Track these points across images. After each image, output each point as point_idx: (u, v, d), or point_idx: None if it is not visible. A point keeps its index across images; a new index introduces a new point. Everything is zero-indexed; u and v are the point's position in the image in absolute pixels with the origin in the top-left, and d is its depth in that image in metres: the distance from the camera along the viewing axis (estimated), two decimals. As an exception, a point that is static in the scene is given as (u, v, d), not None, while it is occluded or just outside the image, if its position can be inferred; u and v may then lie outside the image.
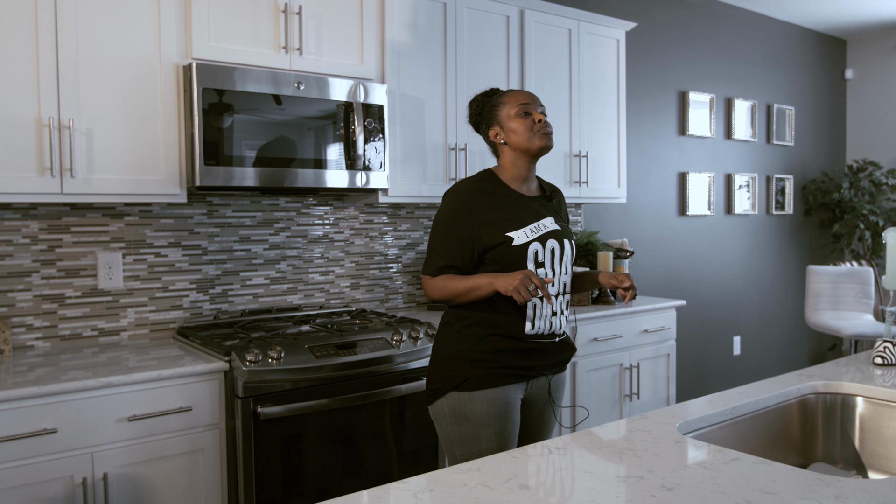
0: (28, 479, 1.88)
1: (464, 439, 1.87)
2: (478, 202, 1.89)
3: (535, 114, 1.93)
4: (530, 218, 1.91)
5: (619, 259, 3.64)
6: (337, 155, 2.64)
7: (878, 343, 2.10)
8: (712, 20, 4.96)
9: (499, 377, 1.86)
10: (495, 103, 1.98)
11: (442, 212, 1.92)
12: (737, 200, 5.16)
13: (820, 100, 5.92)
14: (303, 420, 2.27)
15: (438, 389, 1.90)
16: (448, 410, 1.88)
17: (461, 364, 1.87)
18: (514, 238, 1.86)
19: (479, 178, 1.97)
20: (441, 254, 1.88)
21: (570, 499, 1.18)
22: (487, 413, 1.84)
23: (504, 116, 1.95)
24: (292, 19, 2.59)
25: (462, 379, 1.86)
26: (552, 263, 1.91)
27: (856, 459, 1.86)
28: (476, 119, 2.05)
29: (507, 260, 1.86)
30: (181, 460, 2.13)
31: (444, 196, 1.95)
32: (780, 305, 5.61)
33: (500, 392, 1.86)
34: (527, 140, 1.92)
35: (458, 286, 1.85)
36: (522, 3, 3.32)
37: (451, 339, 1.92)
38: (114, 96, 2.28)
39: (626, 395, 3.41)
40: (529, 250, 1.86)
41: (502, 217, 1.88)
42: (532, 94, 1.98)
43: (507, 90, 2.01)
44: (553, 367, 1.98)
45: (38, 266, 2.46)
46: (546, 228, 1.92)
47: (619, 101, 3.76)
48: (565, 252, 1.95)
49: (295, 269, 3.03)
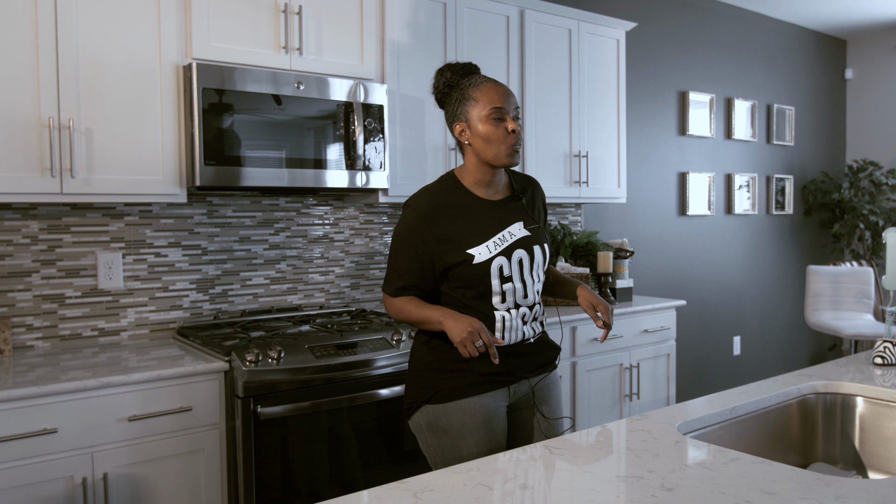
0: (28, 479, 1.88)
1: (444, 452, 1.78)
2: (436, 217, 1.76)
3: (508, 121, 1.76)
4: (494, 228, 1.78)
5: (619, 259, 3.63)
6: (337, 155, 2.64)
7: (878, 343, 2.10)
8: (712, 20, 4.96)
9: (473, 385, 1.76)
10: (466, 95, 1.78)
11: (400, 228, 1.80)
12: (737, 200, 5.16)
13: (820, 100, 5.92)
14: (303, 420, 2.27)
15: (413, 403, 1.82)
16: (425, 424, 1.80)
17: (432, 375, 1.79)
18: (475, 255, 1.74)
19: (438, 186, 1.83)
20: (400, 273, 1.78)
21: (570, 499, 1.18)
22: (464, 424, 1.75)
23: (474, 116, 1.77)
24: (292, 19, 2.59)
25: (434, 391, 1.77)
26: (521, 275, 1.79)
27: (856, 459, 1.86)
28: (442, 94, 1.85)
29: (469, 278, 1.75)
30: (181, 460, 2.13)
31: (404, 207, 1.83)
32: (780, 305, 5.61)
33: (476, 401, 1.76)
34: (493, 154, 1.77)
35: (412, 314, 1.78)
36: (522, 3, 3.32)
37: (423, 351, 1.83)
38: (114, 96, 2.28)
39: (626, 395, 3.41)
40: (493, 266, 1.75)
41: (463, 232, 1.75)
42: (507, 92, 1.79)
43: (482, 80, 1.80)
44: (534, 369, 1.87)
45: (38, 266, 2.46)
46: (513, 238, 1.79)
47: (619, 101, 3.76)
48: (535, 260, 1.82)
49: (295, 269, 3.03)
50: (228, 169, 2.38)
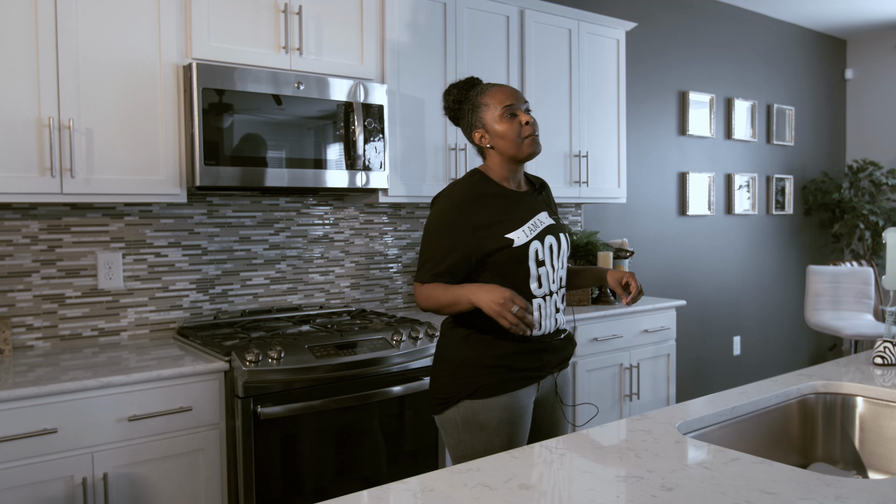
0: (28, 479, 1.88)
1: (475, 447, 1.81)
2: (472, 205, 1.81)
3: (521, 115, 1.84)
4: (527, 215, 1.85)
5: (619, 259, 3.64)
6: (337, 155, 2.64)
7: (878, 343, 2.09)
8: (712, 20, 4.96)
9: (511, 381, 1.81)
10: (477, 103, 1.87)
11: (435, 217, 1.83)
12: (737, 200, 5.16)
13: (820, 100, 5.91)
14: (303, 420, 2.27)
15: (450, 398, 1.83)
16: (461, 419, 1.82)
17: (473, 371, 1.81)
18: (514, 239, 1.79)
19: (468, 180, 1.89)
20: (435, 262, 1.80)
21: (570, 499, 1.18)
22: (502, 420, 1.80)
23: (489, 119, 1.85)
24: (292, 19, 2.59)
25: (476, 386, 1.80)
26: (551, 260, 1.86)
27: (856, 459, 1.86)
28: (454, 113, 1.95)
29: (509, 262, 1.80)
30: (181, 460, 2.13)
31: (435, 200, 1.87)
32: (780, 305, 5.61)
33: (514, 397, 1.82)
34: (515, 148, 1.85)
35: (440, 299, 1.78)
36: (522, 3, 3.32)
37: (459, 346, 1.85)
38: (114, 96, 2.28)
39: (626, 395, 3.41)
40: (530, 250, 1.81)
41: (499, 218, 1.81)
42: (515, 91, 1.88)
43: (487, 86, 1.89)
44: (559, 365, 1.94)
45: (38, 266, 2.46)
46: (543, 224, 1.87)
47: (619, 101, 3.76)
48: (562, 247, 1.90)
49: (295, 269, 3.03)
50: (228, 169, 2.38)
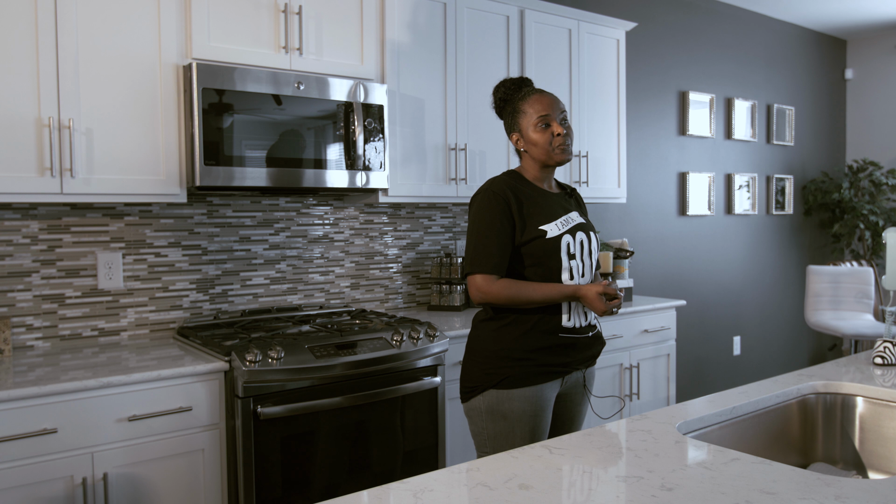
0: (28, 479, 1.88)
1: (497, 436, 1.92)
2: (512, 197, 1.93)
3: (554, 125, 1.96)
4: (560, 211, 1.98)
5: (619, 259, 3.63)
6: (337, 155, 2.64)
7: (878, 343, 2.10)
8: (712, 20, 4.96)
9: (537, 375, 1.91)
10: (517, 108, 2.01)
11: (482, 208, 1.93)
12: (737, 200, 5.16)
13: (820, 100, 5.91)
14: (303, 420, 2.27)
15: (477, 387, 1.94)
16: (485, 407, 1.93)
17: (500, 362, 1.91)
18: (547, 231, 1.91)
19: (506, 176, 2.01)
20: (492, 251, 1.90)
21: (570, 499, 1.18)
22: (524, 411, 1.89)
23: (525, 126, 1.99)
24: (292, 19, 2.59)
25: (502, 377, 1.90)
26: (581, 255, 1.97)
27: (856, 459, 1.86)
28: (499, 108, 2.09)
29: (541, 253, 1.91)
30: (181, 460, 2.13)
31: (476, 195, 1.98)
32: (780, 305, 5.61)
33: (537, 390, 1.91)
34: (545, 155, 1.97)
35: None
36: (522, 3, 3.32)
37: (490, 337, 1.95)
38: (114, 96, 2.28)
39: (626, 394, 3.41)
40: (562, 242, 1.92)
41: (533, 212, 1.93)
42: (553, 100, 1.99)
43: (529, 92, 2.02)
44: (586, 362, 2.03)
45: (38, 266, 2.46)
46: (574, 221, 1.98)
47: (619, 101, 3.76)
48: (592, 244, 2.02)
49: (295, 269, 3.03)
50: (228, 169, 2.38)
